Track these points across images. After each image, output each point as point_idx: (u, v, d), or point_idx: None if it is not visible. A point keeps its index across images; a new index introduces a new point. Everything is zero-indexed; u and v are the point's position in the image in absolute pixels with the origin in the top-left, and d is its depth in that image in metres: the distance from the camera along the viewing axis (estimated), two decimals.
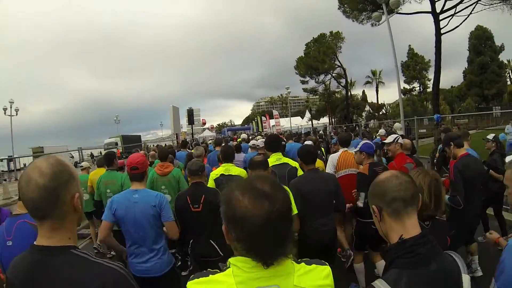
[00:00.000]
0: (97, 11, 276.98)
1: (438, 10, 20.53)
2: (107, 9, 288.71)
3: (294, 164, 4.32)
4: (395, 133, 7.35)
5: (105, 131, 53.32)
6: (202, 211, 3.52)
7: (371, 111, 54.90)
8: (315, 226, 3.56)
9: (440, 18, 20.48)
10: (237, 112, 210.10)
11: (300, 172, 4.19)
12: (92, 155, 37.98)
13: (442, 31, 20.67)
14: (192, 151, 7.40)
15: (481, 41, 45.95)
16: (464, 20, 19.96)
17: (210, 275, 1.18)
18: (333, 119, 49.99)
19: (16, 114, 33.09)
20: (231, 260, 1.17)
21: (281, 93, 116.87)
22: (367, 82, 53.61)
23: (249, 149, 8.20)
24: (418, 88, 54.87)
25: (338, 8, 26.80)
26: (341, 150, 5.49)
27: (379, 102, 57.92)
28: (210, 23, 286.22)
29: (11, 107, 32.90)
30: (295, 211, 2.99)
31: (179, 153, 9.02)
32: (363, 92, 57.95)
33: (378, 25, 17.93)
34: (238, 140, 14.52)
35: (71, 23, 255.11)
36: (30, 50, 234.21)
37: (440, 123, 12.00)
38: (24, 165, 28.56)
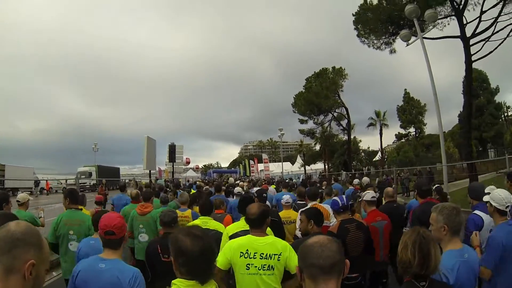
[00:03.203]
0: (94, 37, 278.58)
1: (468, 35, 17.77)
2: (103, 36, 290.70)
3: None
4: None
5: (91, 158, 51.98)
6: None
7: (366, 157, 51.05)
8: None
9: (471, 43, 17.78)
10: (224, 154, 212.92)
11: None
12: (36, 183, 32.31)
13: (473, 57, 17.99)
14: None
15: (477, 83, 44.62)
16: (500, 44, 17.42)
17: None
18: (328, 165, 45.41)
19: None
20: (173, 281, 1.81)
21: (271, 137, 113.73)
22: (371, 124, 50.26)
23: (234, 196, 8.28)
24: (414, 132, 53.73)
25: (355, 29, 22.89)
26: (310, 203, 5.76)
27: (370, 148, 57.14)
28: (202, 61, 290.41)
29: None
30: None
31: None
32: (354, 137, 54.51)
33: (407, 45, 14.71)
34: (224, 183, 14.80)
35: (67, 45, 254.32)
36: (23, 65, 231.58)
37: None
38: None
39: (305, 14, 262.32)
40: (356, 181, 11.61)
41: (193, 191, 10.74)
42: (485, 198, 3.70)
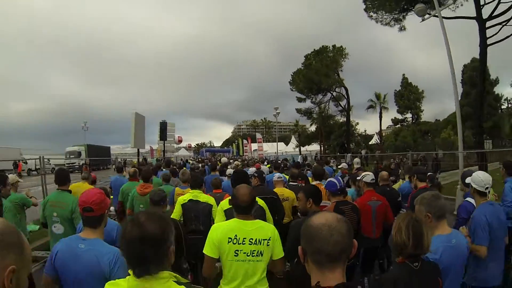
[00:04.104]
0: (87, 17, 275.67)
1: (485, 16, 16.94)
2: (96, 16, 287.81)
3: (261, 203, 4.26)
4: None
5: (82, 138, 51.14)
6: None
7: (362, 140, 50.33)
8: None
9: (487, 25, 16.95)
10: (218, 133, 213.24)
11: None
12: (15, 165, 30.84)
13: (489, 41, 17.19)
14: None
15: (477, 73, 42.76)
16: None
17: (117, 280, 1.71)
18: (324, 147, 44.49)
19: None
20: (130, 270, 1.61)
21: (264, 117, 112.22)
22: (370, 107, 48.69)
23: (226, 178, 8.34)
24: (411, 118, 54.16)
25: (363, 2, 21.93)
26: (314, 182, 5.81)
27: (365, 131, 56.14)
28: (196, 41, 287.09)
29: None
30: (281, 254, 2.91)
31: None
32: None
33: (423, 20, 13.54)
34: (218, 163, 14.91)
35: (60, 24, 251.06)
36: (15, 42, 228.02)
37: None
38: None
39: None
40: (344, 164, 11.91)
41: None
42: (467, 180, 3.94)
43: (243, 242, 2.77)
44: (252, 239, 2.79)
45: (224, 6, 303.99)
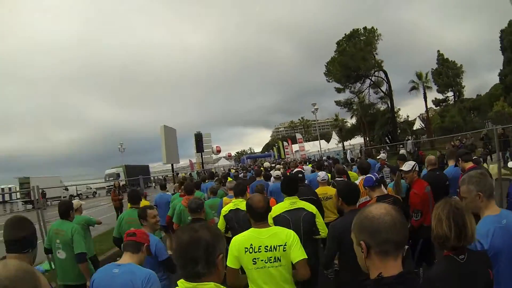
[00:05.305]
0: (113, 45, 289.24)
1: None
2: (122, 41, 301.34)
3: (311, 208, 4.16)
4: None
5: (121, 160, 50.66)
6: None
7: (406, 126, 47.40)
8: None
9: None
10: (257, 139, 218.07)
11: (318, 218, 4.17)
12: (43, 194, 31.22)
13: None
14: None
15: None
16: None
17: None
18: (367, 138, 42.59)
19: None
20: (178, 281, 1.70)
21: (302, 116, 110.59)
22: (413, 88, 44.94)
23: (272, 178, 8.34)
24: (453, 96, 49.60)
25: None
26: (360, 177, 5.80)
27: (408, 117, 50.63)
28: (220, 50, 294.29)
29: None
30: (300, 256, 2.92)
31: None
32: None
33: None
34: (261, 168, 14.06)
35: (89, 56, 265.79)
36: (50, 83, 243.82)
37: None
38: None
39: None
40: (382, 155, 11.64)
41: (230, 179, 10.92)
42: (510, 165, 3.77)
43: (259, 250, 2.89)
44: (267, 246, 2.90)
45: (240, 10, 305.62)
